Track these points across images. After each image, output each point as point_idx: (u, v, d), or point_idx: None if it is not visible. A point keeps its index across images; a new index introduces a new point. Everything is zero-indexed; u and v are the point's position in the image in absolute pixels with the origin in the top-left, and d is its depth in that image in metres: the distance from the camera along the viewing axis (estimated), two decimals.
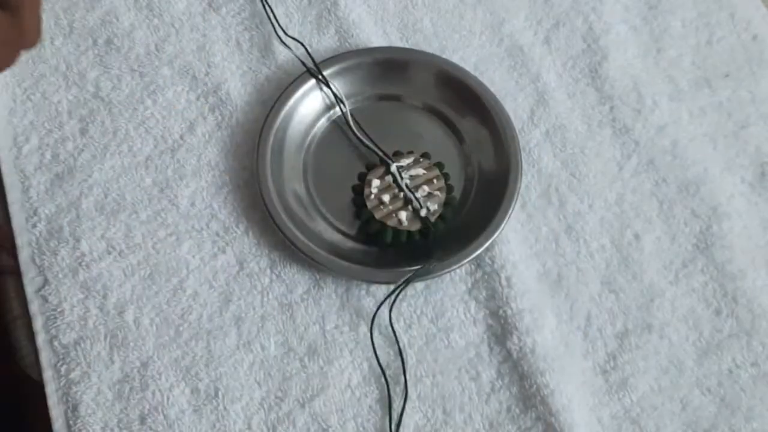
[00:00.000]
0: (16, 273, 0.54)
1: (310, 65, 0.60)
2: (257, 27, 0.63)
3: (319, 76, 0.59)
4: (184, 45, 0.62)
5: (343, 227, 0.57)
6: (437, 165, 0.56)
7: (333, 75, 0.60)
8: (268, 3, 0.64)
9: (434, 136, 0.60)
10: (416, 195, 0.54)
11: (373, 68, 0.61)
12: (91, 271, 0.54)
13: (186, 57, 0.62)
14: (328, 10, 0.64)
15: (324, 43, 0.63)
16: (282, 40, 0.63)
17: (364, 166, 0.57)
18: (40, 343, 0.52)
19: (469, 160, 0.59)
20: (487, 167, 0.59)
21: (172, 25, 0.63)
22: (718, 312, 0.56)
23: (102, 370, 0.52)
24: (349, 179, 0.57)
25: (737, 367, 0.54)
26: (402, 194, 0.55)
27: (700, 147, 0.61)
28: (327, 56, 0.61)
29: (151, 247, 0.55)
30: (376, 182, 0.55)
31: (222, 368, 0.52)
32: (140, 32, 0.62)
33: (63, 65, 0.61)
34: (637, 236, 0.58)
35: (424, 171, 0.55)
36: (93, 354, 0.52)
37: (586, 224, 0.58)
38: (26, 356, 0.53)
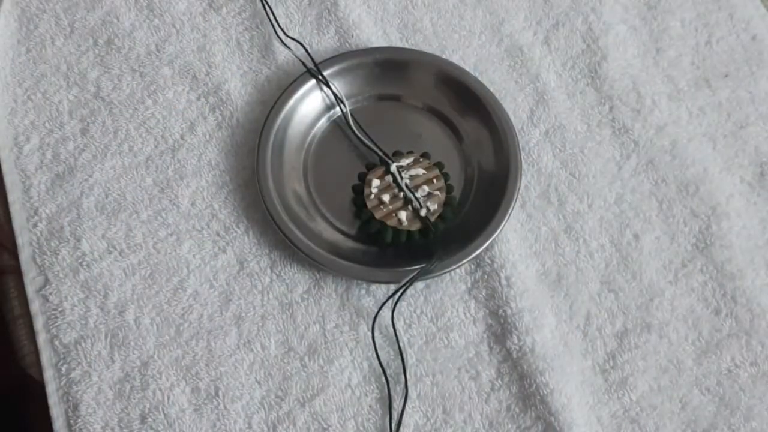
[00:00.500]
0: (17, 272, 0.54)
1: (310, 65, 0.60)
2: (257, 27, 0.64)
3: (319, 76, 0.59)
4: (184, 45, 0.62)
5: (343, 227, 0.57)
6: (437, 165, 0.56)
7: (333, 75, 0.60)
8: (268, 3, 0.64)
9: (434, 136, 0.60)
10: (416, 195, 0.54)
11: (373, 68, 0.61)
12: (92, 271, 0.54)
13: (186, 57, 0.62)
14: (328, 11, 0.64)
15: (324, 44, 0.63)
16: (282, 41, 0.63)
17: (364, 166, 0.57)
18: (41, 343, 0.52)
19: (469, 160, 0.60)
20: (487, 167, 0.59)
21: (173, 26, 0.63)
22: (717, 311, 0.56)
23: (102, 370, 0.52)
24: (349, 179, 0.57)
25: (736, 366, 0.54)
26: (402, 194, 0.55)
27: (700, 147, 0.61)
28: (327, 56, 0.61)
29: (151, 247, 0.55)
30: (376, 182, 0.55)
31: (222, 367, 0.52)
32: (141, 32, 0.62)
33: (64, 65, 0.61)
34: (636, 236, 0.58)
35: (424, 171, 0.56)
36: (93, 353, 0.52)
37: (585, 224, 0.58)
38: (27, 356, 0.53)
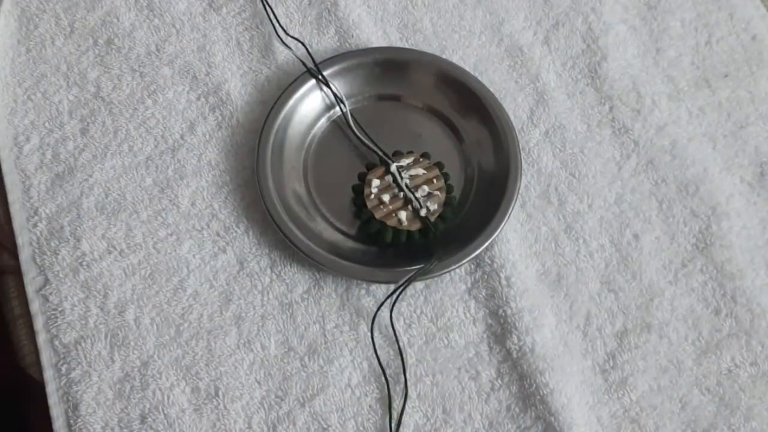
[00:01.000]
0: (17, 272, 0.54)
1: (310, 65, 0.60)
2: (257, 27, 0.64)
3: (319, 76, 0.59)
4: (184, 45, 0.62)
5: (343, 227, 0.57)
6: (437, 165, 0.56)
7: (333, 75, 0.60)
8: (268, 3, 0.64)
9: (434, 136, 0.60)
10: (416, 195, 0.54)
11: (373, 68, 0.61)
12: (92, 271, 0.54)
13: (186, 57, 0.62)
14: (328, 11, 0.64)
15: (324, 44, 0.63)
16: (282, 41, 0.63)
17: (364, 166, 0.57)
18: (41, 343, 0.52)
19: (469, 160, 0.60)
20: (487, 167, 0.59)
21: (173, 26, 0.63)
22: (717, 311, 0.56)
23: (102, 370, 0.52)
24: (349, 179, 0.57)
25: (736, 366, 0.54)
26: (402, 194, 0.55)
27: (700, 147, 0.61)
28: (327, 56, 0.61)
29: (151, 247, 0.55)
30: (376, 182, 0.55)
31: (222, 367, 0.52)
32: (141, 32, 0.62)
33: (64, 65, 0.61)
34: (636, 236, 0.58)
35: (424, 171, 0.56)
36: (93, 353, 0.52)
37: (585, 224, 0.58)
38: (27, 355, 0.53)
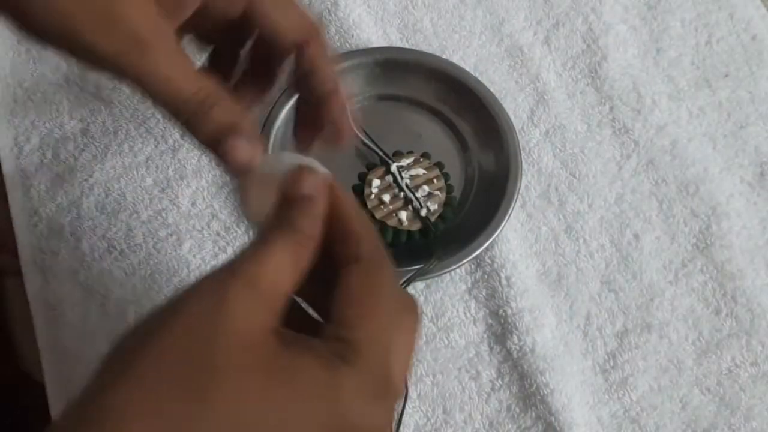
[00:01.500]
0: (17, 273, 0.54)
1: None
2: None
3: None
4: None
5: None
6: (437, 165, 0.56)
7: None
8: None
9: (434, 136, 0.60)
10: (416, 195, 0.54)
11: (373, 68, 0.61)
12: (92, 271, 0.54)
13: None
14: (328, 10, 0.64)
15: None
16: None
17: (364, 166, 0.57)
18: (41, 343, 0.52)
19: (470, 160, 0.59)
20: (487, 167, 0.59)
21: None
22: (717, 311, 0.56)
23: None
24: (349, 179, 0.57)
25: (737, 366, 0.54)
26: (402, 194, 0.55)
27: (700, 147, 0.61)
28: None
29: (151, 247, 0.55)
30: (376, 182, 0.55)
31: None
32: None
33: (64, 65, 0.61)
34: (636, 236, 0.58)
35: (424, 171, 0.56)
36: (94, 354, 0.52)
37: (585, 224, 0.58)
38: (27, 356, 0.53)
